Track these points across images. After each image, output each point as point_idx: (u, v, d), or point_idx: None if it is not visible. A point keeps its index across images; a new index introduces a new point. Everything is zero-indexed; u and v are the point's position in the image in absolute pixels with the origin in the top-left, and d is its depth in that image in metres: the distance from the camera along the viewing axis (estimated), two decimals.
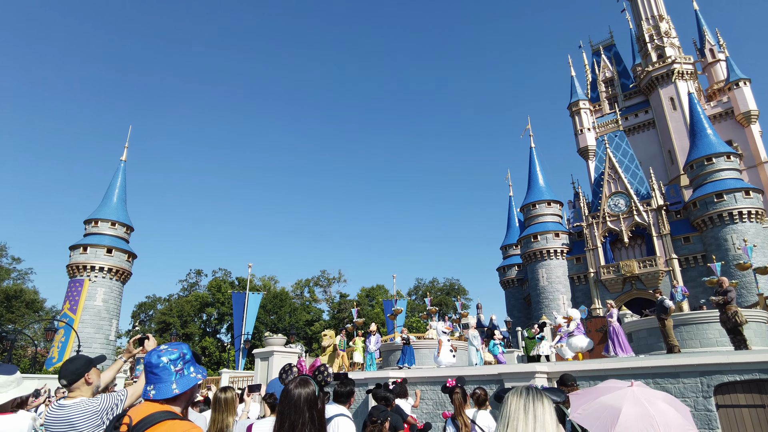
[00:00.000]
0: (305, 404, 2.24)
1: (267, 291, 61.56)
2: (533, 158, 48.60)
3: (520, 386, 1.90)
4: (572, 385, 6.22)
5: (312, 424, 2.22)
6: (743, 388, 10.09)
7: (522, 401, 1.79)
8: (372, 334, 19.02)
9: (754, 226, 36.53)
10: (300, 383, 2.32)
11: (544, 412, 1.76)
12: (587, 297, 41.49)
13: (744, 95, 48.39)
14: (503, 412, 1.81)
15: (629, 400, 3.04)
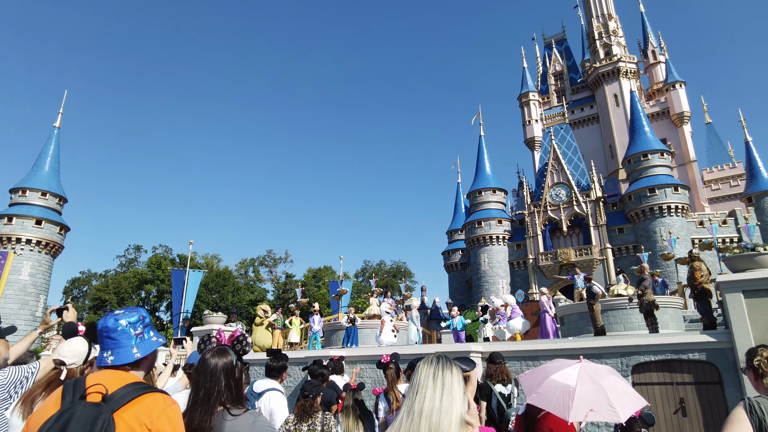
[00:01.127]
0: (221, 373, 2.22)
1: (209, 269, 60.14)
2: (482, 146, 49.57)
3: (431, 355, 1.94)
4: (500, 362, 6.49)
5: (229, 392, 2.20)
6: (656, 367, 10.87)
7: (432, 369, 1.82)
8: (315, 313, 19.03)
9: (680, 220, 39.04)
10: (217, 352, 2.29)
11: (452, 380, 1.79)
12: (525, 282, 43.15)
13: (679, 97, 51.20)
14: (413, 380, 1.84)
15: (582, 377, 3.13)
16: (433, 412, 1.70)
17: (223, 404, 2.17)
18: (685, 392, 10.53)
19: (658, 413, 10.55)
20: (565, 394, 3.00)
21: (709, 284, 12.00)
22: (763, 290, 10.04)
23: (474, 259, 46.26)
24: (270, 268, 69.30)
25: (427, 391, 1.76)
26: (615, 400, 2.98)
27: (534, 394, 3.12)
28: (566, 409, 2.91)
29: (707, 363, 10.48)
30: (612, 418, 2.94)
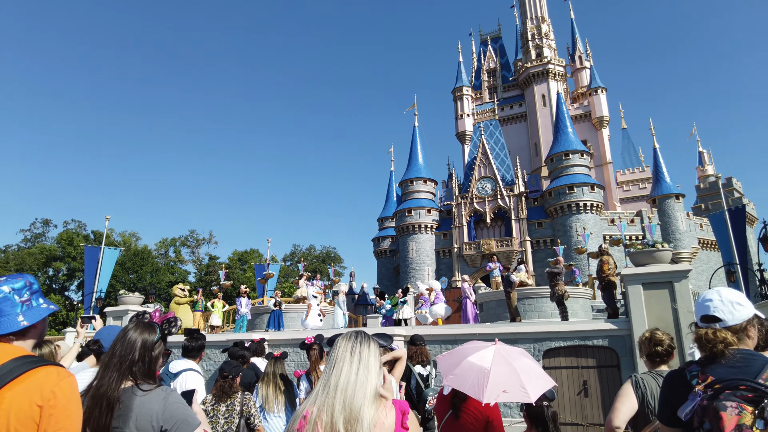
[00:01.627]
0: (140, 345, 2.14)
1: (127, 248, 56.89)
2: (415, 137, 50.32)
3: (349, 331, 1.98)
4: (420, 344, 6.69)
5: (142, 364, 2.12)
6: (565, 352, 11.68)
7: (350, 344, 1.85)
8: (242, 296, 18.59)
9: (594, 217, 41.86)
10: (143, 326, 2.21)
11: (369, 354, 1.84)
12: (450, 270, 44.62)
13: (600, 102, 54.57)
14: (332, 355, 1.87)
15: (496, 359, 3.22)
16: (349, 385, 1.74)
17: (135, 377, 2.09)
18: (588, 375, 11.41)
19: (564, 395, 11.36)
20: (480, 376, 3.09)
21: (615, 277, 13.00)
22: (659, 283, 11.05)
23: (403, 246, 47.13)
24: (192, 249, 66.72)
25: (344, 366, 1.79)
26: (526, 381, 3.12)
27: (451, 375, 3.20)
28: (481, 390, 3.01)
29: (608, 348, 11.40)
30: (523, 398, 3.08)
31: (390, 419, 1.74)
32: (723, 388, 1.74)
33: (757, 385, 1.68)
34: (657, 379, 3.06)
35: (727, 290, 2.06)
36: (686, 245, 42.48)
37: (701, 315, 2.04)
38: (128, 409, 1.99)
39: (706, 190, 50.14)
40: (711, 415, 1.71)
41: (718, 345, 1.90)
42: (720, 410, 1.69)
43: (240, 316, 18.29)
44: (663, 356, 3.22)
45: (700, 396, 1.80)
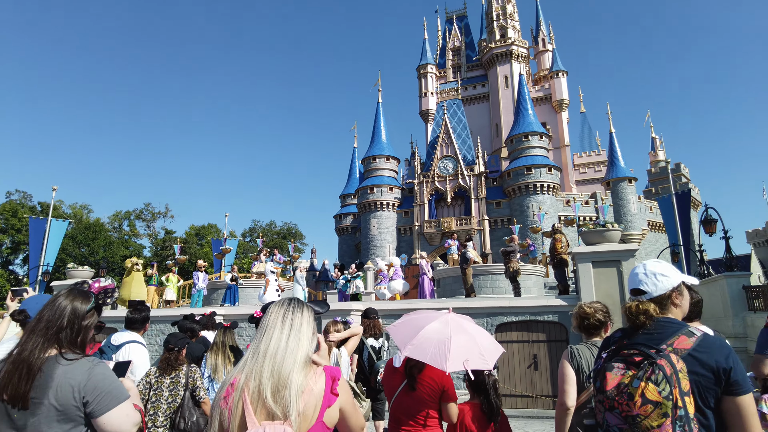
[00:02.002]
0: (70, 312, 2.01)
1: (78, 220, 54.57)
2: (379, 114, 49.97)
3: (283, 298, 1.93)
4: (373, 317, 6.72)
5: (69, 332, 1.99)
6: (516, 327, 12.04)
7: (281, 311, 1.81)
8: (200, 270, 18.21)
9: (550, 198, 42.96)
10: (74, 294, 2.07)
11: (301, 321, 1.80)
12: (410, 247, 45.06)
13: (561, 85, 55.50)
14: (263, 321, 1.82)
15: (454, 328, 3.22)
16: (278, 351, 1.70)
17: (60, 345, 1.96)
18: (539, 349, 11.82)
19: (515, 368, 11.75)
20: (441, 346, 3.09)
21: (567, 255, 13.41)
22: (608, 261, 11.48)
23: (364, 223, 47.16)
24: (147, 223, 64.58)
25: (275, 332, 1.75)
26: (484, 349, 3.17)
27: (409, 346, 3.17)
28: (443, 359, 3.01)
29: (558, 323, 11.82)
30: (483, 365, 3.12)
31: (319, 385, 1.71)
32: (617, 351, 1.89)
33: (646, 351, 1.79)
34: (591, 349, 3.16)
35: (652, 263, 2.13)
36: (636, 227, 44.27)
37: (630, 288, 2.14)
38: (49, 379, 1.86)
39: (656, 175, 52.19)
40: (600, 375, 1.86)
41: (640, 317, 1.98)
42: (607, 371, 1.84)
43: (197, 291, 17.95)
44: (597, 328, 3.32)
45: (601, 359, 1.96)
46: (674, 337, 1.90)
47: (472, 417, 3.52)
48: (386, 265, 18.03)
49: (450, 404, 3.33)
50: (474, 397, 3.65)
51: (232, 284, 17.47)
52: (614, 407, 1.76)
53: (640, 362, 1.78)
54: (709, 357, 1.82)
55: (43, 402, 1.83)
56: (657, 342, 1.90)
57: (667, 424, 1.65)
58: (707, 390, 1.80)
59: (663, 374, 1.70)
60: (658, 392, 1.68)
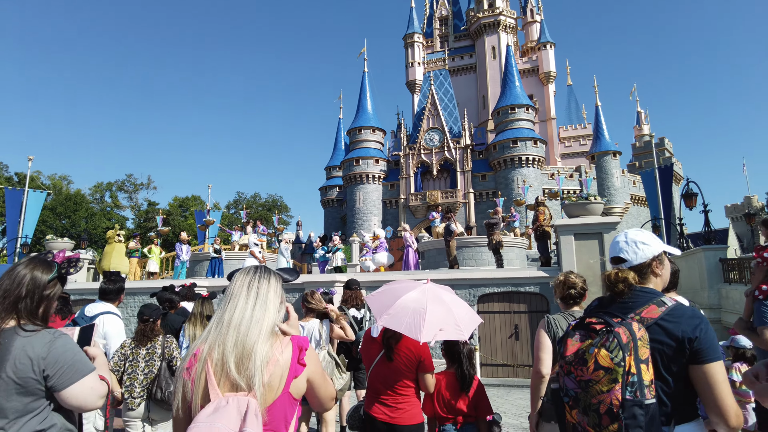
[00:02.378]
0: (30, 283, 1.90)
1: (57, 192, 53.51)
2: (365, 84, 49.25)
3: (249, 266, 1.85)
4: (355, 288, 6.72)
5: (30, 303, 1.89)
6: (498, 298, 12.16)
7: (247, 279, 1.74)
8: (183, 242, 18.02)
9: (535, 171, 43.13)
10: (35, 263, 1.95)
11: (268, 290, 1.73)
12: (396, 220, 45.15)
13: (548, 57, 55.08)
14: (228, 290, 1.74)
15: (431, 298, 3.21)
16: (243, 322, 1.64)
17: (19, 316, 1.87)
18: (520, 319, 11.99)
19: (496, 338, 11.93)
20: (416, 316, 3.07)
21: (549, 228, 13.50)
22: (590, 233, 11.58)
23: (350, 196, 47.00)
24: (130, 194, 63.54)
25: (239, 302, 1.68)
26: (459, 319, 3.16)
27: (385, 315, 3.15)
28: (418, 329, 3.00)
29: (539, 294, 11.97)
30: (457, 336, 3.11)
31: (286, 355, 1.66)
32: (582, 320, 1.92)
33: (608, 319, 1.82)
34: (568, 319, 3.17)
35: (633, 231, 2.11)
36: (619, 201, 44.79)
37: (611, 257, 2.12)
38: (6, 351, 1.78)
39: (641, 149, 52.55)
40: (563, 342, 1.92)
41: (619, 285, 1.97)
42: (569, 337, 1.89)
43: (180, 263, 17.79)
44: (576, 298, 3.33)
45: (569, 326, 1.99)
46: (644, 306, 1.91)
47: (446, 385, 3.55)
48: (371, 237, 18.03)
49: (427, 374, 3.35)
50: (449, 366, 3.67)
51: (215, 256, 17.34)
52: (571, 372, 1.81)
53: (600, 330, 1.81)
54: (675, 326, 1.83)
55: (0, 375, 1.75)
56: (627, 311, 1.91)
57: (616, 389, 1.68)
58: (670, 358, 1.82)
59: (618, 342, 1.72)
60: (610, 359, 1.71)
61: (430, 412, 3.52)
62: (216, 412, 1.50)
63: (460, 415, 3.50)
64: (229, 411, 1.50)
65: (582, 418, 1.77)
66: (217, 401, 1.53)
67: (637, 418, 1.66)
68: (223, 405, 1.51)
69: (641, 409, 1.67)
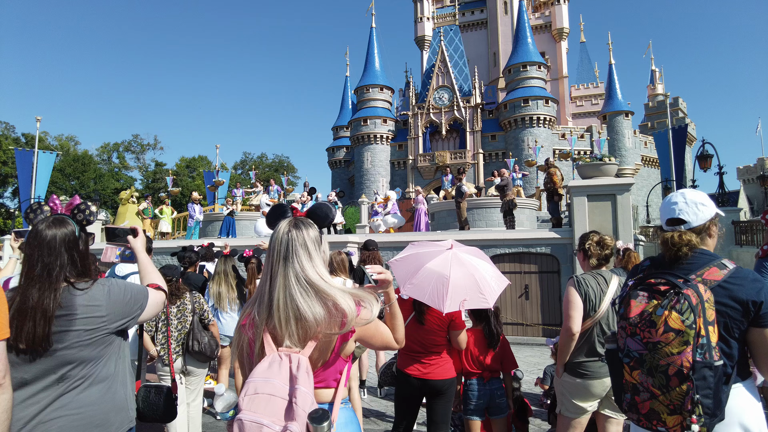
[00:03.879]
0: (62, 245, 1.91)
1: (65, 152, 53.54)
2: (372, 40, 48.09)
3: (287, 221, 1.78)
4: (373, 249, 6.77)
5: (73, 266, 1.93)
6: (509, 258, 12.26)
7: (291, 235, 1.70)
8: (195, 202, 18.13)
9: (546, 131, 42.49)
10: (53, 223, 1.94)
11: (315, 246, 1.73)
12: (404, 181, 45.00)
13: (562, 12, 53.27)
14: (271, 247, 1.72)
15: (454, 266, 3.14)
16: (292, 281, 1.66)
17: (67, 280, 1.91)
18: (530, 280, 12.13)
19: (507, 297, 12.10)
20: (439, 285, 3.03)
21: (561, 189, 13.44)
22: (603, 195, 11.52)
23: (358, 157, 46.71)
24: (137, 155, 63.56)
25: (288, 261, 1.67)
26: (484, 286, 3.11)
27: (408, 284, 3.13)
28: (441, 300, 2.98)
29: (550, 255, 12.05)
30: (482, 304, 3.09)
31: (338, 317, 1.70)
32: (643, 280, 1.90)
33: (673, 280, 1.80)
34: (597, 278, 3.20)
35: (690, 191, 2.07)
36: (630, 162, 44.26)
37: (668, 218, 2.05)
38: (71, 309, 1.85)
39: (654, 109, 51.46)
40: (625, 302, 1.90)
41: (683, 248, 1.93)
42: (632, 298, 1.87)
43: (193, 223, 17.97)
44: (609, 258, 3.36)
45: (627, 287, 1.97)
46: (705, 268, 1.90)
47: (474, 341, 3.66)
48: (383, 198, 18.06)
49: (458, 332, 3.42)
50: (476, 324, 3.75)
51: (229, 217, 17.49)
52: (636, 333, 1.81)
53: (666, 291, 1.80)
54: (739, 289, 1.83)
55: (70, 330, 1.84)
56: (687, 272, 1.89)
57: (687, 351, 1.70)
58: (734, 321, 1.83)
59: (688, 304, 1.72)
60: (681, 321, 1.71)
61: (458, 367, 3.63)
62: (270, 368, 1.56)
63: (486, 371, 3.62)
64: (282, 367, 1.56)
65: (645, 379, 1.79)
66: (271, 356, 1.59)
67: (707, 379, 1.69)
68: (277, 361, 1.57)
69: (710, 370, 1.69)
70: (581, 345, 3.12)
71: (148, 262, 2.40)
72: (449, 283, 3.01)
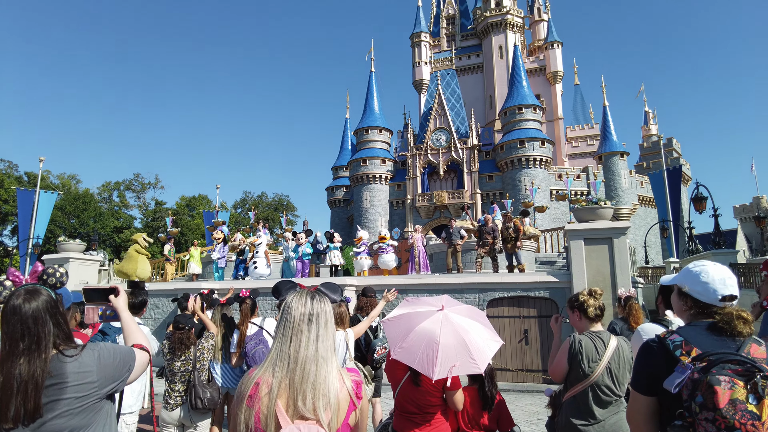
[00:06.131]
0: (46, 314, 1.88)
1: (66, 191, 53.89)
2: (372, 84, 49.28)
3: (302, 290, 1.84)
4: (371, 296, 6.78)
5: (60, 331, 1.92)
6: (508, 302, 12.20)
7: (306, 309, 1.75)
8: (218, 241, 17.85)
9: (542, 172, 43.00)
10: (29, 294, 1.90)
11: (327, 320, 1.77)
12: (402, 220, 45.19)
13: (555, 56, 54.81)
14: (285, 318, 1.76)
15: (444, 329, 3.07)
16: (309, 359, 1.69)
17: (56, 346, 1.90)
18: (529, 324, 12.02)
19: (506, 342, 11.97)
20: (429, 350, 2.98)
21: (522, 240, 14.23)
22: (599, 238, 11.59)
23: (357, 196, 47.08)
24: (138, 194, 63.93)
25: (303, 337, 1.72)
26: (475, 351, 3.04)
27: (399, 348, 3.09)
28: (431, 366, 2.92)
29: (549, 299, 12.00)
30: (473, 370, 3.02)
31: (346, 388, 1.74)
32: (714, 362, 1.73)
33: (747, 360, 1.69)
34: (594, 341, 3.24)
35: (723, 267, 2.04)
36: (627, 202, 44.60)
37: (724, 294, 1.95)
38: (62, 377, 1.83)
39: (648, 149, 52.29)
40: (704, 389, 1.69)
41: (749, 326, 1.85)
42: (714, 384, 1.67)
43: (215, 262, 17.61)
44: (604, 310, 3.41)
45: (690, 369, 1.77)
46: (746, 346, 1.82)
47: (470, 401, 3.63)
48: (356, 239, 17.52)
49: (454, 392, 3.38)
50: (470, 383, 3.74)
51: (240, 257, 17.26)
52: (735, 427, 1.62)
53: (742, 374, 1.67)
54: None
55: (60, 399, 1.81)
56: (732, 349, 1.81)
57: None
58: None
59: None
60: None
61: (454, 426, 3.59)
62: None
63: (482, 430, 3.59)
64: None
65: None
66: (288, 428, 1.60)
67: None
68: None
69: None
70: (576, 406, 3.12)
71: (132, 321, 2.37)
72: (439, 348, 2.96)
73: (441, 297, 3.48)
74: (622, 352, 3.25)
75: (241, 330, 5.87)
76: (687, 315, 2.07)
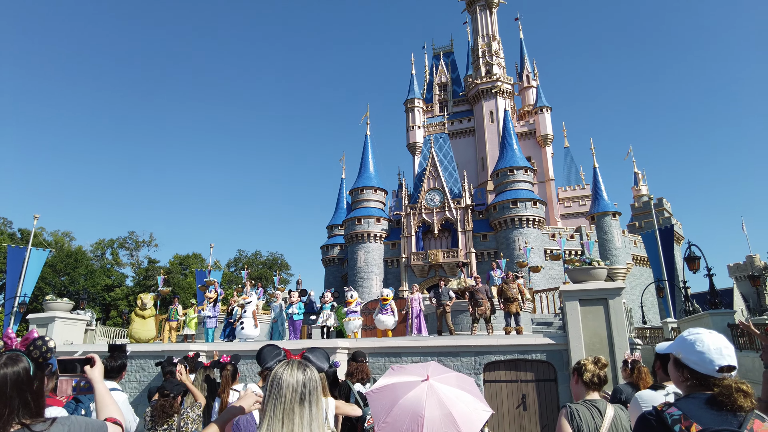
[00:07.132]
0: (13, 388, 1.77)
1: (59, 248, 53.49)
2: (367, 146, 50.44)
3: (291, 361, 1.78)
4: (362, 361, 6.60)
5: (26, 409, 1.79)
6: (505, 366, 11.88)
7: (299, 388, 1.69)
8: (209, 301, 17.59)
9: (536, 232, 43.28)
10: (6, 361, 1.81)
11: (317, 396, 1.72)
12: (397, 279, 44.84)
13: (545, 120, 56.65)
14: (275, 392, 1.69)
15: (429, 402, 3.01)
16: None
17: (21, 423, 1.77)
18: (527, 389, 11.65)
19: (503, 408, 11.54)
20: (413, 425, 2.90)
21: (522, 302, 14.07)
22: (595, 299, 11.47)
23: (351, 254, 46.94)
24: (131, 252, 63.55)
25: (295, 418, 1.66)
26: (461, 422, 2.96)
27: (383, 423, 3.00)
28: None
29: (546, 362, 11.70)
30: None
31: None
32: None
33: None
34: (591, 410, 3.12)
35: (718, 335, 2.02)
36: (621, 261, 44.62)
37: (722, 365, 1.92)
38: None
39: (640, 209, 52.96)
40: None
41: (751, 400, 1.82)
42: None
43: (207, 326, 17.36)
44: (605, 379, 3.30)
45: None
46: (749, 421, 1.77)
47: None
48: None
49: None
50: None
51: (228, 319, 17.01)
52: None
53: None
54: None
55: None
56: (735, 425, 1.77)
57: None
58: None
59: None
60: None
61: None
62: None
63: None
64: None
65: None
66: None
67: None
68: None
69: None
70: None
71: (107, 393, 2.27)
72: (424, 422, 2.87)
73: (428, 364, 3.39)
74: (620, 421, 3.13)
75: (222, 398, 5.64)
76: (685, 386, 2.01)
